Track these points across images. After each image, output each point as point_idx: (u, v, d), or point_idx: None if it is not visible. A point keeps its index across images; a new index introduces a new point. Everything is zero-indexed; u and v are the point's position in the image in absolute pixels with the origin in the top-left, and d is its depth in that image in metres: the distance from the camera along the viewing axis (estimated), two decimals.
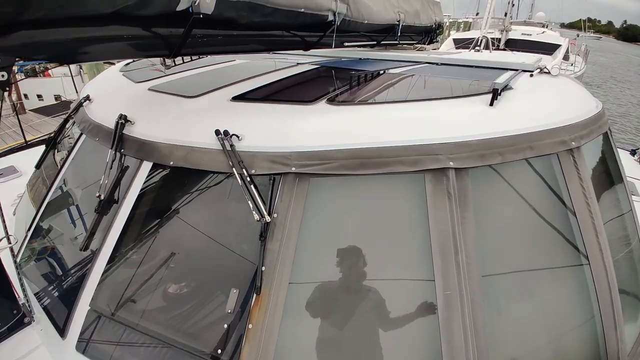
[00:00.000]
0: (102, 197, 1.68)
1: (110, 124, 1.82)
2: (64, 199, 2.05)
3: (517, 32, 13.31)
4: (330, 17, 2.46)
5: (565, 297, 1.67)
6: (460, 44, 11.09)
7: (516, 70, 2.48)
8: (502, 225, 1.61)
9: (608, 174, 2.10)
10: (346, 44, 3.14)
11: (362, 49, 3.58)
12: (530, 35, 13.43)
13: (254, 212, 1.39)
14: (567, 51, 13.16)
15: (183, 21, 1.66)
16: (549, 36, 13.87)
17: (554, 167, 1.64)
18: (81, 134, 2.08)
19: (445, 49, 11.04)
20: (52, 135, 2.60)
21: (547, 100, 1.92)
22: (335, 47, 2.99)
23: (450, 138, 1.46)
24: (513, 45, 12.19)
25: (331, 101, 1.74)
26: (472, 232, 1.41)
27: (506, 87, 1.86)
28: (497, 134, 1.52)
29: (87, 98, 2.26)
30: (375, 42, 3.68)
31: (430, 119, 1.59)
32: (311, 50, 2.76)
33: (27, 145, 2.26)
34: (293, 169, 1.43)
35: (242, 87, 2.04)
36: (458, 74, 2.47)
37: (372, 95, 1.96)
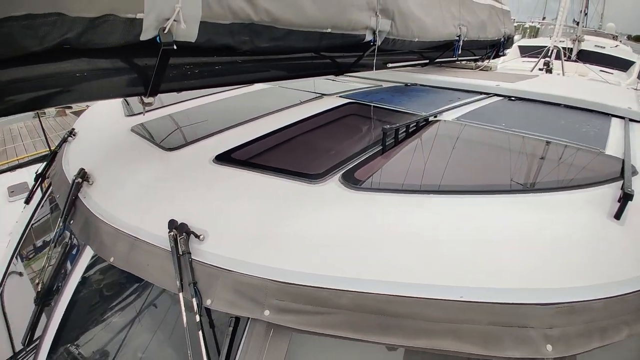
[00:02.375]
0: (39, 288, 1.27)
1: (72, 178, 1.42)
2: (18, 269, 1.70)
3: (590, 43, 11.99)
4: (369, 37, 1.90)
5: None
6: (527, 52, 9.95)
7: (622, 117, 1.76)
8: None
9: None
10: (390, 65, 2.55)
11: (409, 68, 2.97)
12: (604, 48, 12.05)
13: None
14: None
15: (156, 52, 1.22)
16: (623, 51, 12.37)
17: None
18: (49, 186, 1.71)
19: (510, 57, 9.98)
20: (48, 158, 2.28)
21: None
22: (376, 69, 2.43)
23: (547, 294, 0.82)
24: (586, 57, 10.98)
25: (348, 179, 1.15)
26: None
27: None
28: (631, 285, 0.86)
29: (72, 132, 1.90)
30: (427, 61, 3.05)
31: (509, 244, 0.92)
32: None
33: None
34: (267, 312, 0.89)
35: (238, 135, 1.53)
36: (540, 121, 1.78)
37: (412, 171, 1.30)
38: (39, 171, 2.22)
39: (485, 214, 1.01)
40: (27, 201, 2.27)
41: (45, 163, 2.15)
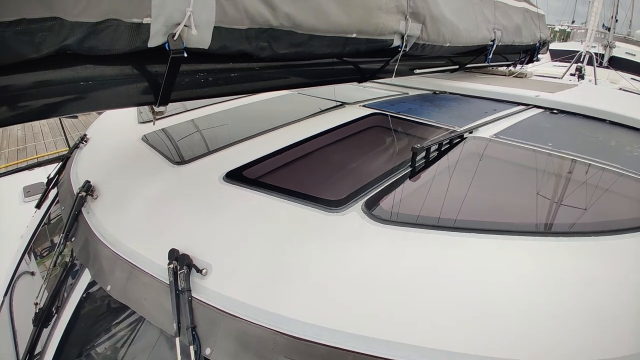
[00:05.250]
0: (37, 308, 1.19)
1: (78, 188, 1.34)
2: (28, 278, 1.63)
3: (621, 50, 11.71)
4: (397, 42, 1.76)
5: None
6: (558, 57, 9.56)
7: None
8: None
9: None
10: (417, 71, 2.39)
11: (438, 74, 2.79)
12: (634, 55, 11.68)
13: None
14: None
15: (166, 59, 1.11)
16: None
17: None
18: (57, 195, 1.65)
19: (541, 61, 9.68)
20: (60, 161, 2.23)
21: None
22: (402, 76, 2.27)
23: None
24: (617, 64, 10.74)
25: (372, 209, 1.00)
26: None
27: None
28: None
29: (84, 138, 1.83)
30: (457, 66, 2.87)
31: (551, 309, 0.78)
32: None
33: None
34: None
35: (253, 148, 1.41)
36: (588, 140, 1.59)
37: (448, 201, 1.12)
38: (51, 175, 2.17)
39: (529, 262, 0.86)
40: (39, 205, 2.23)
41: (57, 167, 2.10)
